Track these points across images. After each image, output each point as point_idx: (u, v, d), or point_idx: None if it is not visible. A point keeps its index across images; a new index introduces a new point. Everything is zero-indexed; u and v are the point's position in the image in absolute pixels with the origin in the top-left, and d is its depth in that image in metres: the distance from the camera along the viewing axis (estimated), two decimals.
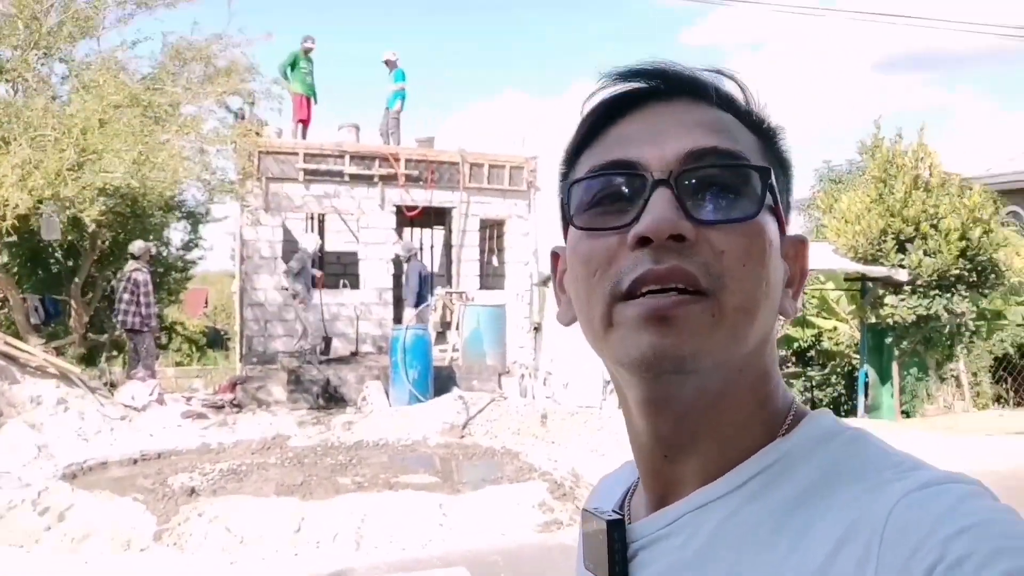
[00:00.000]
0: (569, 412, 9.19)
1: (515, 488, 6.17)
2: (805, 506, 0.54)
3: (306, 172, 12.44)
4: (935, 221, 10.46)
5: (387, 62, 13.62)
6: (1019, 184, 15.47)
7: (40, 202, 8.66)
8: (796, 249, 0.64)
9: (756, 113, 0.64)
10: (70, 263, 12.26)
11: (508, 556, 5.19)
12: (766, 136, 0.64)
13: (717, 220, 0.56)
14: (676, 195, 0.56)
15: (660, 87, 0.63)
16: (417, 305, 11.64)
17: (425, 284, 11.94)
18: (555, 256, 0.68)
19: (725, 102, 0.63)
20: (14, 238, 10.93)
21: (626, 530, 0.64)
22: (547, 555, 5.16)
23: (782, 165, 0.65)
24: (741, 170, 0.58)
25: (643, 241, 0.56)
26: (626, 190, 0.59)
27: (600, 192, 0.60)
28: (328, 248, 15.11)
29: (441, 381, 10.76)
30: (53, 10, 9.53)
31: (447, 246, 14.92)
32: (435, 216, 14.68)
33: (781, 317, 0.62)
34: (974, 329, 11.06)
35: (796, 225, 0.69)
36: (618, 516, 0.66)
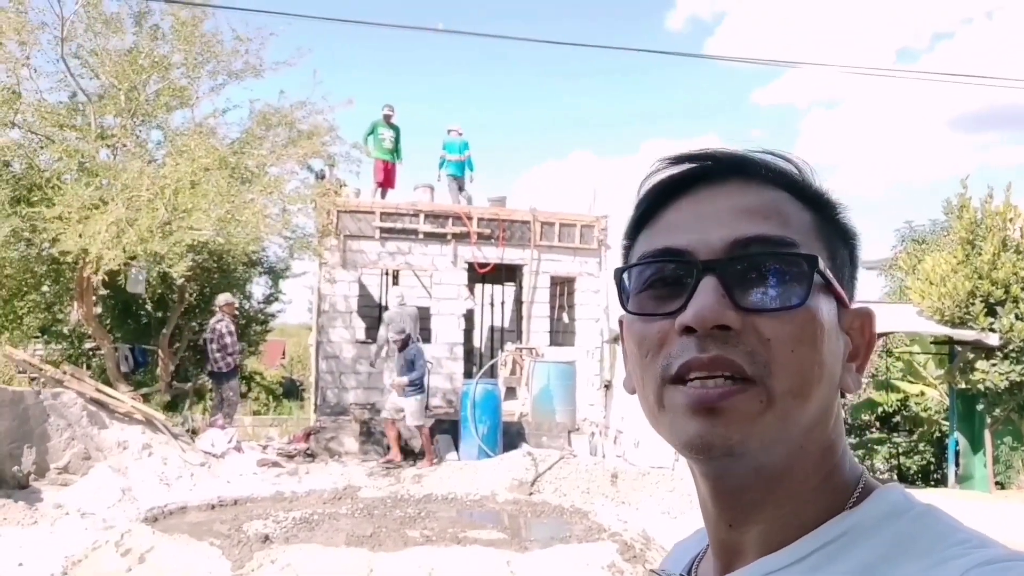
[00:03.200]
0: (640, 472, 9.00)
1: (584, 548, 6.05)
2: None
3: (382, 230, 12.81)
4: None
5: (450, 131, 14.12)
6: None
7: (133, 258, 9.15)
8: (861, 321, 0.64)
9: (811, 187, 0.64)
10: (159, 314, 12.84)
11: None
12: (824, 211, 0.64)
13: (763, 308, 0.57)
14: (723, 282, 0.57)
15: (711, 168, 0.64)
16: (422, 391, 10.07)
17: (420, 369, 10.11)
18: (623, 324, 0.70)
19: (777, 178, 0.64)
20: (107, 291, 11.57)
21: None
22: None
23: (844, 237, 0.65)
24: (788, 257, 0.59)
25: (689, 329, 0.57)
26: (675, 276, 0.61)
27: (651, 278, 0.62)
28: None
29: (510, 437, 10.71)
30: (151, 81, 10.25)
31: (517, 302, 15.02)
32: (506, 273, 14.84)
33: (843, 393, 0.62)
34: None
35: (877, 286, 0.68)
36: None
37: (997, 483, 10.50)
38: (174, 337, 12.43)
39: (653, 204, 0.66)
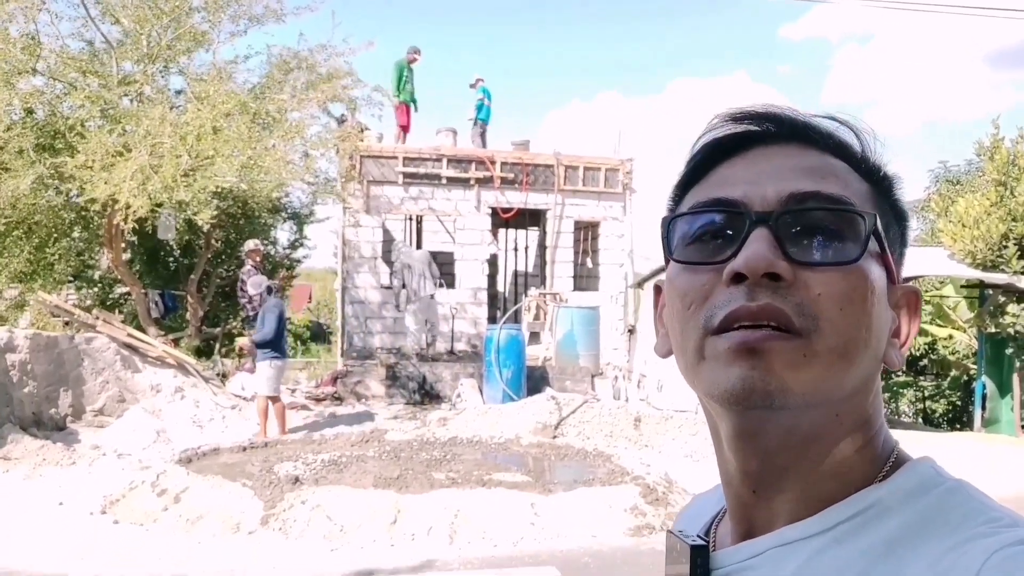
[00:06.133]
0: (663, 416, 9.07)
1: (607, 491, 6.14)
2: (894, 555, 0.53)
3: (405, 175, 12.77)
4: None
5: (478, 81, 14.16)
6: None
7: (159, 205, 9.22)
8: (908, 299, 0.63)
9: (871, 161, 0.63)
10: (187, 261, 13.00)
11: (598, 558, 5.17)
12: (880, 185, 0.63)
13: (816, 262, 0.56)
14: (775, 235, 0.56)
15: (770, 131, 0.62)
16: (276, 355, 8.44)
17: (282, 331, 8.66)
18: (658, 290, 0.68)
19: (837, 148, 0.62)
20: (135, 238, 11.70)
21: (710, 557, 0.64)
22: (638, 559, 5.11)
23: (896, 215, 0.64)
24: (844, 214, 0.57)
25: (738, 277, 0.56)
26: (726, 228, 0.59)
27: (700, 228, 0.60)
28: (425, 249, 15.46)
29: (534, 381, 10.82)
30: (171, 26, 10.14)
31: (541, 247, 14.98)
32: (530, 217, 14.77)
33: (886, 366, 0.61)
34: None
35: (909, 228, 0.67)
36: (703, 542, 0.66)
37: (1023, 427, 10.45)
38: (202, 283, 12.60)
39: (705, 161, 0.64)
